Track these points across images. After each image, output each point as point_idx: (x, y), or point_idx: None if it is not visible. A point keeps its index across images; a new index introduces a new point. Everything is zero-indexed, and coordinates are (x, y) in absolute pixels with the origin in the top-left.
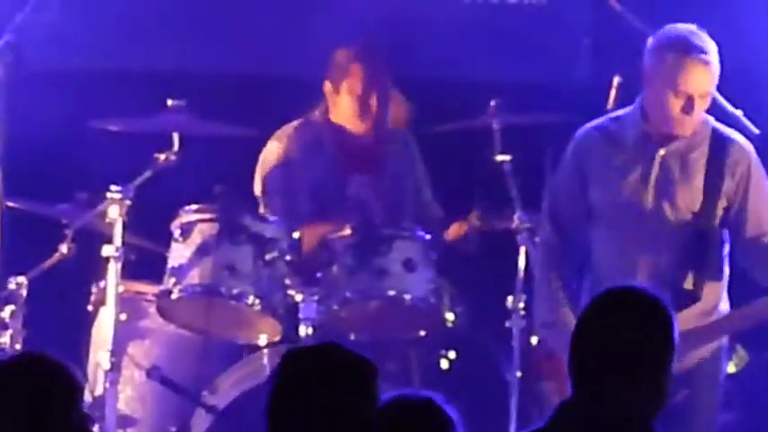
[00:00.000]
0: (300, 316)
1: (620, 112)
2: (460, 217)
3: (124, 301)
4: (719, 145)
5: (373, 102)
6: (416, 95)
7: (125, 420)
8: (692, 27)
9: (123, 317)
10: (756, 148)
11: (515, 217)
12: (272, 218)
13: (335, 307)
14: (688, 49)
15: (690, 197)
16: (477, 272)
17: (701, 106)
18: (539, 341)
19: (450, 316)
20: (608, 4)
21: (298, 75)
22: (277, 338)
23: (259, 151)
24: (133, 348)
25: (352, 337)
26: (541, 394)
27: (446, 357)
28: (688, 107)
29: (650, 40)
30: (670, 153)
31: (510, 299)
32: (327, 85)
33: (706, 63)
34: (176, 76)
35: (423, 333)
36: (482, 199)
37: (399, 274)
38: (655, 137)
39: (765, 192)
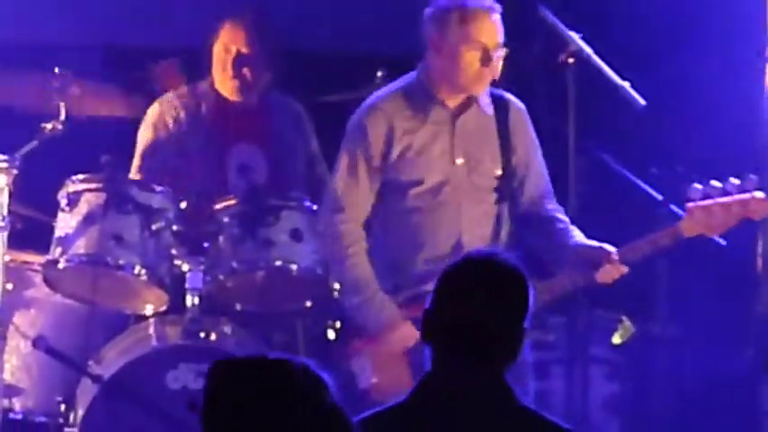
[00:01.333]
0: (187, 286)
1: (395, 85)
2: None
3: (10, 271)
4: (500, 106)
5: (233, 64)
6: (304, 66)
7: (10, 390)
8: None
9: (9, 286)
10: (642, 118)
11: None
12: (158, 188)
13: (222, 277)
14: (473, 3)
15: (493, 164)
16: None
17: (496, 60)
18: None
19: (337, 286)
20: None
21: (184, 45)
22: (163, 308)
23: None
24: (19, 318)
25: (239, 307)
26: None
27: (333, 327)
28: (485, 59)
29: (428, 12)
30: (467, 121)
31: None
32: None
33: (493, 12)
34: (64, 46)
35: (309, 303)
36: None
37: (286, 245)
38: (449, 108)
39: (539, 154)
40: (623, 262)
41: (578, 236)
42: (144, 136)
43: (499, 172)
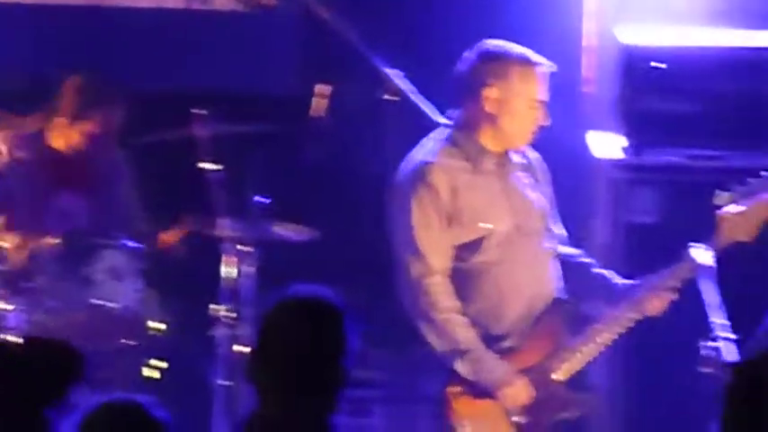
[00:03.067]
0: (7, 326)
1: (439, 135)
2: (171, 225)
3: None
4: (522, 153)
5: (83, 128)
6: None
7: None
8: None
9: None
10: None
11: (221, 225)
12: None
13: (41, 317)
14: (531, 60)
15: (539, 207)
16: (184, 280)
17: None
18: None
19: (156, 325)
20: (318, 15)
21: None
22: None
23: None
24: None
25: None
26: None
27: (153, 366)
28: (543, 116)
29: (477, 59)
30: (512, 168)
31: (214, 307)
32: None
33: (547, 67)
34: None
35: (129, 342)
36: (190, 207)
37: (106, 283)
38: (495, 156)
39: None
40: None
41: (613, 276)
42: None
43: (544, 214)
